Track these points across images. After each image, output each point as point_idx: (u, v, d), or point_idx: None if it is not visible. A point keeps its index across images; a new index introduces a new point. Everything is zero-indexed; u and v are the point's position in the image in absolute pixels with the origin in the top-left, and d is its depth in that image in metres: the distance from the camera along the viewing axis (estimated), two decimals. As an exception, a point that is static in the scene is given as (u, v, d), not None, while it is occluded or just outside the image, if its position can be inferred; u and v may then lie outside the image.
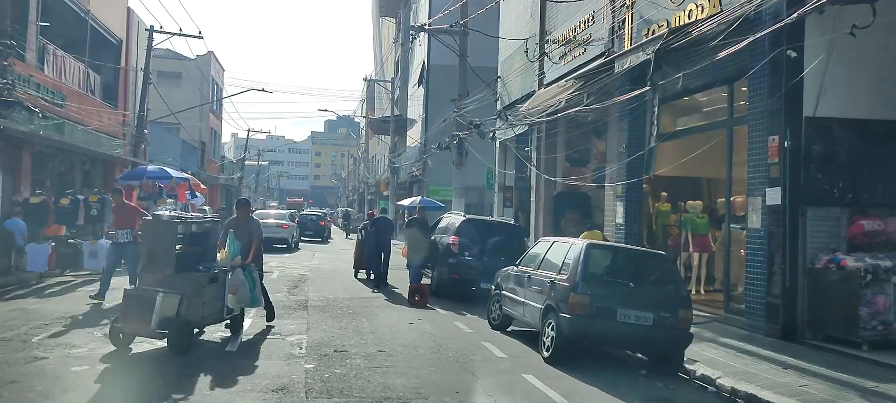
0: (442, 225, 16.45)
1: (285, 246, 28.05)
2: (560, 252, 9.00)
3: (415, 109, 40.75)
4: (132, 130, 24.85)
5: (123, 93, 26.11)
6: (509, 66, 21.18)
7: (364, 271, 17.84)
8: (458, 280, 14.32)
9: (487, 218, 18.79)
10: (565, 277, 8.36)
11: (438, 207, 22.93)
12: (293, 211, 39.49)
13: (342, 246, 32.77)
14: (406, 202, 28.52)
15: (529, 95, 18.57)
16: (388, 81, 46.72)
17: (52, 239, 14.55)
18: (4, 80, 14.83)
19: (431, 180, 34.40)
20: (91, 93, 23.05)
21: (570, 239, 9.65)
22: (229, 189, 59.17)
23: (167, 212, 18.00)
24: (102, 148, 22.57)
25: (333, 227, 52.21)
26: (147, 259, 8.30)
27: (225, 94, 56.06)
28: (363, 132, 78.10)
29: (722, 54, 8.85)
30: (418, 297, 13.33)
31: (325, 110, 46.58)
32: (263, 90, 29.05)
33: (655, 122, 10.26)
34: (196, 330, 8.56)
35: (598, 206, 16.99)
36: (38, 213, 14.97)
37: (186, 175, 19.51)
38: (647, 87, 10.35)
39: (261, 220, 27.47)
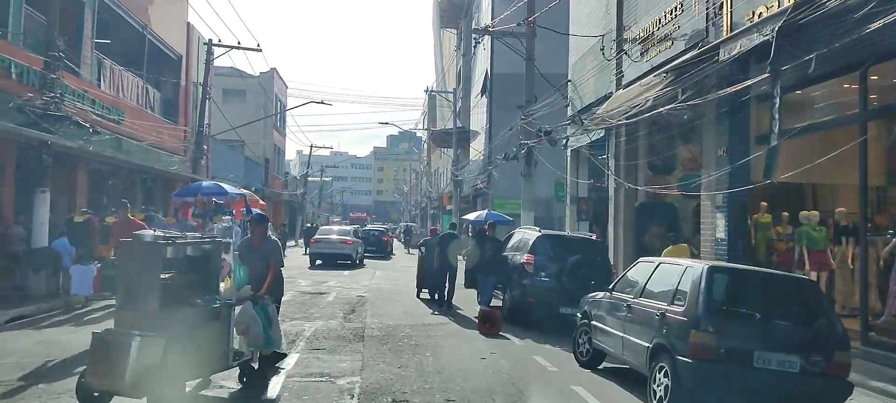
0: (514, 241, 14.89)
1: (349, 262, 27.14)
2: (669, 276, 7.29)
3: (478, 120, 39.38)
4: (191, 146, 24.34)
5: (184, 109, 25.71)
6: (581, 67, 19.49)
7: (425, 289, 16.53)
8: (535, 304, 12.72)
9: (566, 233, 17.07)
10: (681, 309, 6.66)
11: (506, 221, 21.39)
12: (357, 226, 38.64)
13: (404, 263, 31.57)
14: (471, 216, 27.11)
15: (605, 98, 16.83)
16: (450, 93, 45.53)
17: (98, 261, 13.72)
18: (52, 94, 14.17)
19: (496, 192, 32.84)
20: (150, 110, 22.63)
21: (684, 260, 7.94)
22: (293, 205, 59.16)
23: (220, 227, 17.21)
24: (161, 164, 22.05)
25: (396, 242, 51.26)
26: (123, 292, 6.53)
27: (288, 110, 56.19)
28: (425, 146, 77.31)
29: (874, 26, 7.01)
30: (489, 324, 11.81)
31: (387, 123, 46.24)
32: (322, 102, 28.11)
33: (777, 116, 8.45)
34: (195, 382, 6.91)
35: (685, 218, 15.09)
36: (81, 232, 14.18)
37: (243, 191, 18.57)
38: (766, 75, 8.55)
39: (324, 236, 26.64)
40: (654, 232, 15.42)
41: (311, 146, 54.63)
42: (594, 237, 16.37)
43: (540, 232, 14.36)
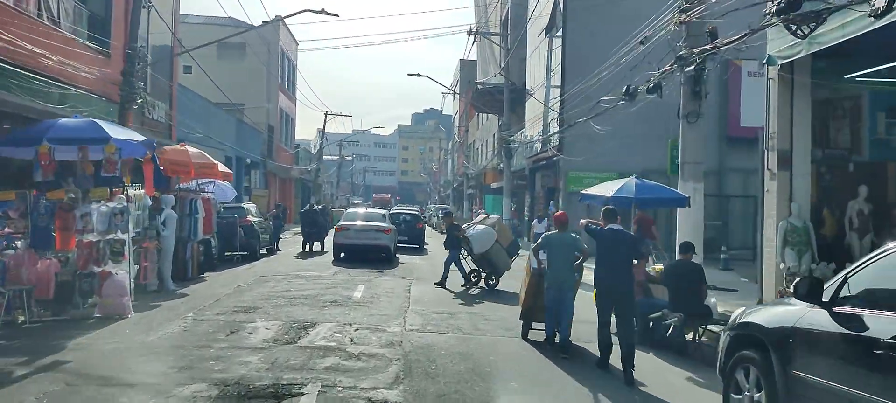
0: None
1: (384, 255, 19.48)
2: None
3: (535, 75, 30.43)
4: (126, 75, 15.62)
5: (125, 30, 16.96)
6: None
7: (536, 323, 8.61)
8: None
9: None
10: None
11: (675, 199, 11.33)
12: (386, 210, 30.26)
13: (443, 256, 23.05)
14: (600, 190, 18.74)
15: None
16: (497, 35, 36.47)
17: None
18: None
19: (570, 164, 23.94)
20: (52, 21, 13.94)
21: None
22: (306, 183, 50.72)
23: (103, 210, 8.62)
24: (61, 105, 13.37)
25: (428, 228, 42.72)
26: None
27: (299, 73, 47.56)
28: (456, 119, 68.34)
29: None
30: None
31: (419, 75, 35.28)
32: (324, 11, 18.54)
33: None
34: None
35: None
36: None
37: (141, 140, 10.04)
38: None
39: (350, 223, 19.90)
40: None
41: (327, 113, 46.01)
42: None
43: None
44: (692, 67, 10.23)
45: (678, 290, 7.67)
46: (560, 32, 25.32)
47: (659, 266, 9.32)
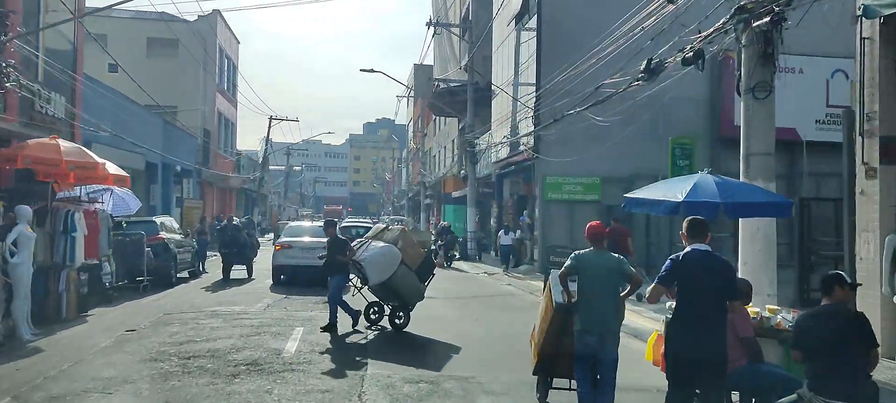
0: None
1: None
2: None
3: (501, 72, 27.39)
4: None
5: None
6: None
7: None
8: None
9: None
10: None
11: (775, 205, 7.56)
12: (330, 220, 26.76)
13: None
14: (659, 193, 15.34)
15: None
16: (457, 27, 33.38)
17: None
18: None
19: (548, 167, 20.91)
20: None
21: None
22: (249, 194, 46.61)
23: None
24: None
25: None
26: None
27: (241, 74, 43.61)
28: (411, 125, 65.09)
29: None
30: None
31: (372, 70, 31.27)
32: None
33: None
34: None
35: None
36: None
37: None
38: None
39: (294, 239, 16.61)
40: None
41: (271, 118, 42.14)
42: None
43: None
44: (765, 20, 7.17)
45: (827, 357, 4.48)
46: (533, 22, 22.33)
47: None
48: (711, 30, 7.99)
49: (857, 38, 7.76)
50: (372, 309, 10.72)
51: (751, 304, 5.90)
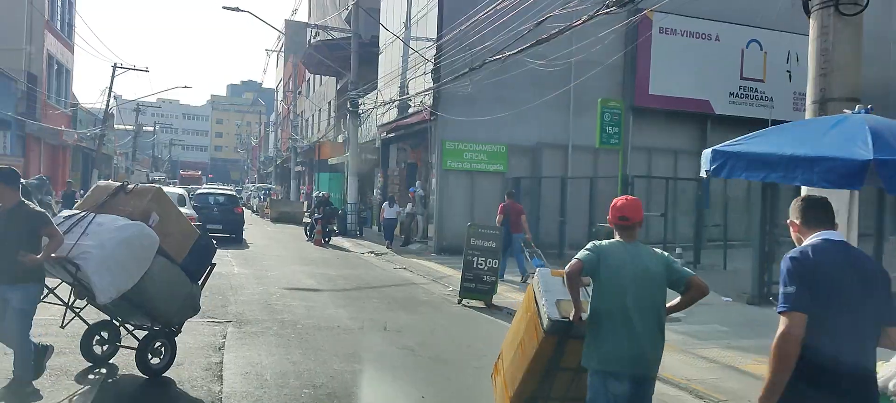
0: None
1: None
2: None
3: (391, 22, 24.29)
4: None
5: None
6: None
7: None
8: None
9: None
10: None
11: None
12: (183, 190, 22.86)
13: (269, 253, 16.40)
14: (771, 145, 12.42)
15: None
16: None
17: None
18: None
19: (446, 131, 18.29)
20: None
21: None
22: (87, 154, 40.32)
23: None
24: None
25: (248, 213, 35.34)
26: None
27: (78, 13, 37.29)
28: (280, 87, 60.17)
29: None
30: None
31: (237, 9, 26.44)
32: None
33: None
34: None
35: None
36: None
37: None
38: None
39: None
40: None
41: (115, 65, 36.31)
42: None
43: None
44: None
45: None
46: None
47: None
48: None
49: None
50: (97, 337, 6.12)
51: None
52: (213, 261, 6.27)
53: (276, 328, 8.09)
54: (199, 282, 6.10)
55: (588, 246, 3.74)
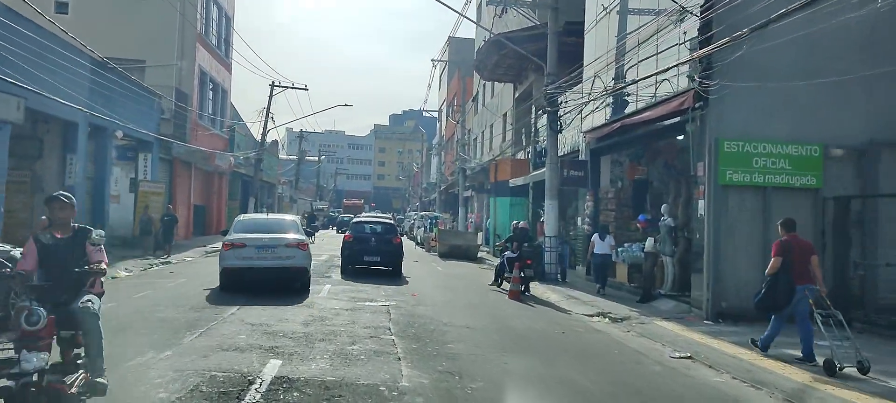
0: None
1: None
2: None
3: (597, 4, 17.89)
4: None
5: None
6: None
7: None
8: None
9: None
10: None
11: None
12: (303, 213, 18.15)
13: (437, 291, 10.40)
14: None
15: None
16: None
17: None
18: None
19: (721, 127, 11.40)
20: None
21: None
22: (246, 181, 37.61)
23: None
24: None
25: (410, 245, 30.28)
26: None
27: (235, 28, 34.74)
28: (443, 109, 55.83)
29: None
30: None
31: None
32: None
33: None
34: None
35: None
36: None
37: None
38: None
39: (242, 235, 13.02)
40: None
41: (273, 84, 33.09)
42: None
43: None
44: None
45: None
46: None
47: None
48: None
49: None
50: None
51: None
52: None
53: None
54: None
55: None
